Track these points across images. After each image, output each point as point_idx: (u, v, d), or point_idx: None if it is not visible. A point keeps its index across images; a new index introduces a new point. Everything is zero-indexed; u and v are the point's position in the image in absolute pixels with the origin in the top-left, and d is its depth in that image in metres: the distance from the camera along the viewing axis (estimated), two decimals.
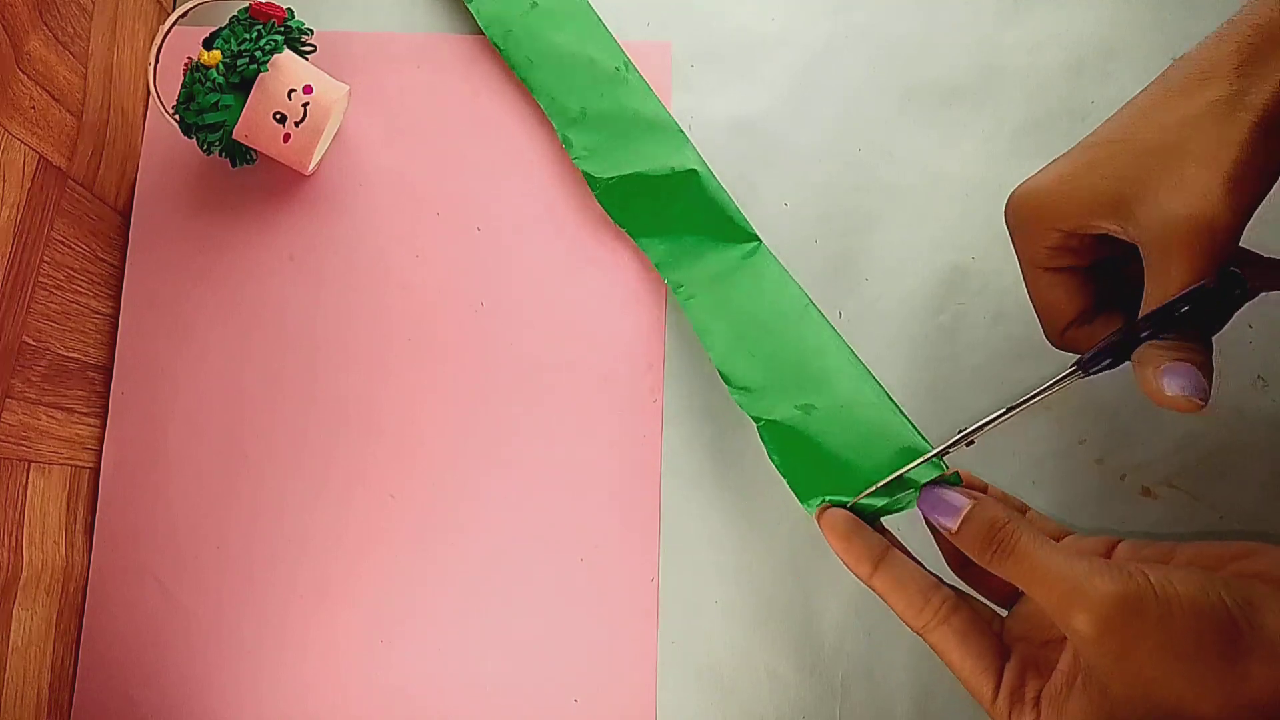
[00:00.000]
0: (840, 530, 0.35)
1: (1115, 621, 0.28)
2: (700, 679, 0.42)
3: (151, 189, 0.46)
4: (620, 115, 0.45)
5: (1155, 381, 0.30)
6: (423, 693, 0.42)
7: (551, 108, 0.45)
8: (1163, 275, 0.30)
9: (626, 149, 0.45)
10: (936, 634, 0.33)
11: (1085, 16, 0.48)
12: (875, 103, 0.47)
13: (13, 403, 0.38)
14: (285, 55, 0.42)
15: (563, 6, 0.46)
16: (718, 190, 0.44)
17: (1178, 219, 0.29)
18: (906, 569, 0.34)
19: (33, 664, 0.39)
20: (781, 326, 0.41)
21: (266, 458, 0.43)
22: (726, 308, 0.42)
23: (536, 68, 0.46)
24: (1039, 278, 0.36)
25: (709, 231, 0.44)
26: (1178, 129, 0.31)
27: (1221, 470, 0.43)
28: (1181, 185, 0.30)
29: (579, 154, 0.45)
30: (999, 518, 0.32)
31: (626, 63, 0.46)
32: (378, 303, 0.45)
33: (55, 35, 0.40)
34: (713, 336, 0.42)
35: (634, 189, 0.44)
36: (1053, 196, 0.34)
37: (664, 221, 0.44)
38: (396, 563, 0.43)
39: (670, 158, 0.44)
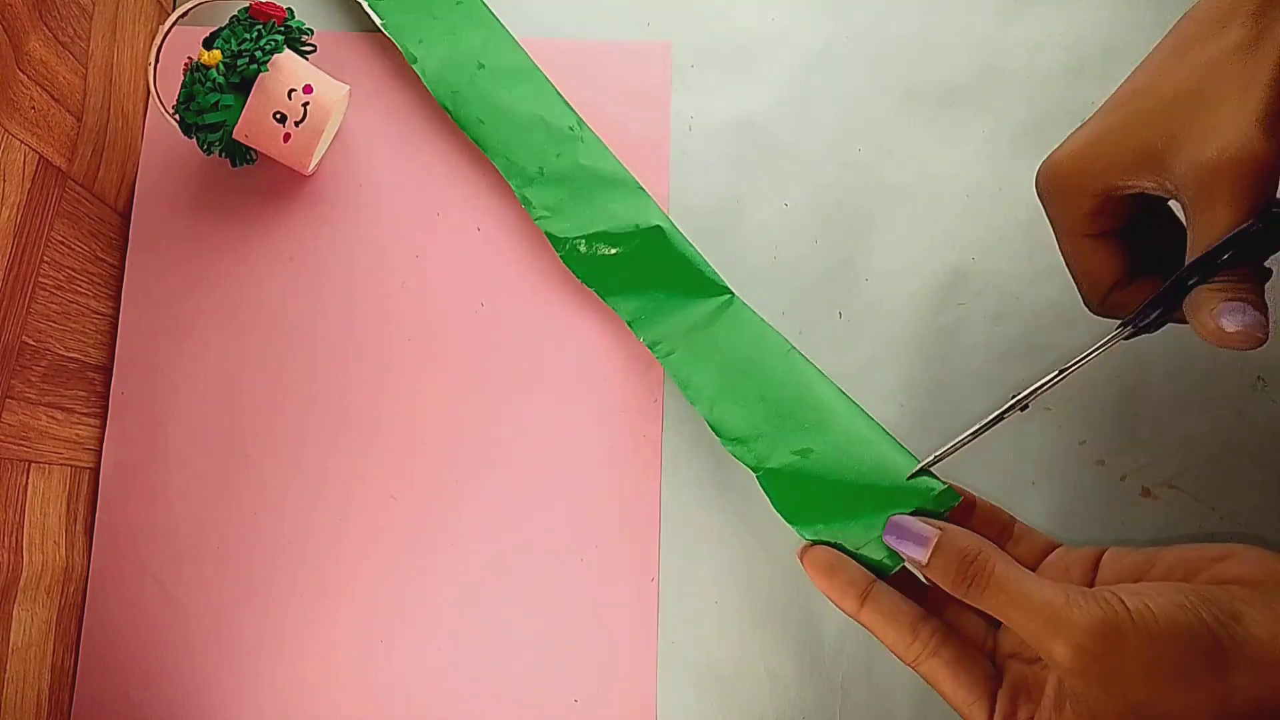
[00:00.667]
0: (823, 566, 0.35)
1: (1095, 651, 0.28)
2: (700, 679, 0.42)
3: (152, 189, 0.46)
4: (578, 174, 0.44)
5: (1213, 322, 0.29)
6: (423, 692, 0.42)
7: (508, 168, 0.44)
8: (1207, 221, 0.29)
9: (588, 207, 0.44)
10: (927, 666, 0.33)
11: (1085, 17, 0.48)
12: (875, 103, 0.47)
13: (13, 403, 0.38)
14: (285, 55, 0.42)
15: (511, 68, 0.45)
16: (684, 245, 0.43)
17: (1216, 163, 0.29)
18: (894, 602, 0.34)
19: (32, 665, 0.39)
20: (767, 373, 0.40)
21: (266, 458, 0.43)
22: (707, 359, 0.41)
23: (487, 127, 0.45)
24: (1079, 245, 0.35)
25: (679, 287, 0.43)
26: (1201, 76, 0.30)
27: (1222, 471, 0.43)
28: (1215, 130, 0.29)
29: (540, 214, 0.44)
30: (970, 548, 0.31)
31: (579, 121, 0.45)
32: (378, 303, 0.45)
33: (55, 35, 0.40)
34: (696, 390, 0.41)
35: (598, 247, 0.43)
36: (1084, 161, 0.33)
37: (632, 280, 0.43)
38: (396, 563, 0.43)
39: (634, 215, 0.43)
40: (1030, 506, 0.43)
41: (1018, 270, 0.45)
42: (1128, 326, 0.32)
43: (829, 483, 0.37)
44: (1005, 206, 0.46)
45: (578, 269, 0.44)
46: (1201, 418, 0.43)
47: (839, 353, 0.44)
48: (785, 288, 0.45)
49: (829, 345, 0.44)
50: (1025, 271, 0.45)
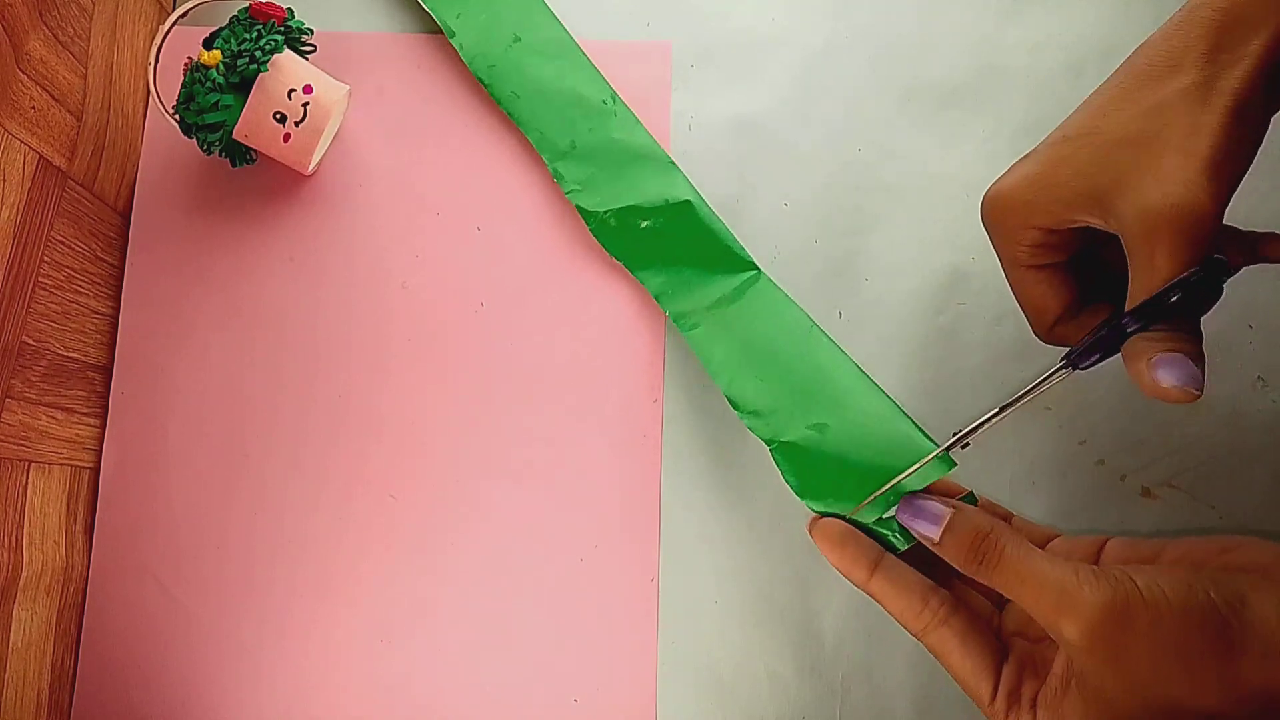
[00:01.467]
0: (834, 538, 0.35)
1: (1105, 629, 0.28)
2: (700, 679, 0.42)
3: (151, 189, 0.46)
4: (610, 148, 0.45)
5: (1148, 375, 0.30)
6: (423, 692, 0.42)
7: (541, 142, 0.45)
8: (1147, 267, 0.30)
9: (618, 182, 0.44)
10: (935, 635, 0.33)
11: (1085, 17, 0.48)
12: (875, 103, 0.47)
13: (13, 403, 0.38)
14: (285, 55, 0.42)
15: (546, 42, 0.46)
16: (713, 220, 0.44)
17: (1159, 209, 0.29)
18: (903, 572, 0.34)
19: (32, 665, 0.39)
20: (787, 348, 0.40)
21: (267, 458, 0.43)
22: (730, 334, 0.41)
23: (523, 101, 0.45)
24: (1022, 276, 0.35)
25: (706, 262, 0.43)
26: (1150, 118, 0.30)
27: (1222, 471, 0.43)
28: (1160, 175, 0.29)
29: (571, 188, 0.45)
30: (982, 526, 0.31)
31: (613, 95, 0.45)
32: (378, 303, 0.45)
33: (55, 35, 0.40)
34: (718, 364, 0.41)
35: (628, 221, 0.44)
36: (1028, 194, 0.33)
37: (660, 253, 0.44)
38: (397, 562, 0.43)
39: (664, 189, 0.44)
40: (1030, 506, 0.43)
41: None
42: (1071, 365, 0.33)
43: (843, 459, 0.37)
44: None
45: (608, 243, 0.44)
46: (1201, 418, 0.43)
47: None
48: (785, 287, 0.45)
49: None
50: None
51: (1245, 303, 0.44)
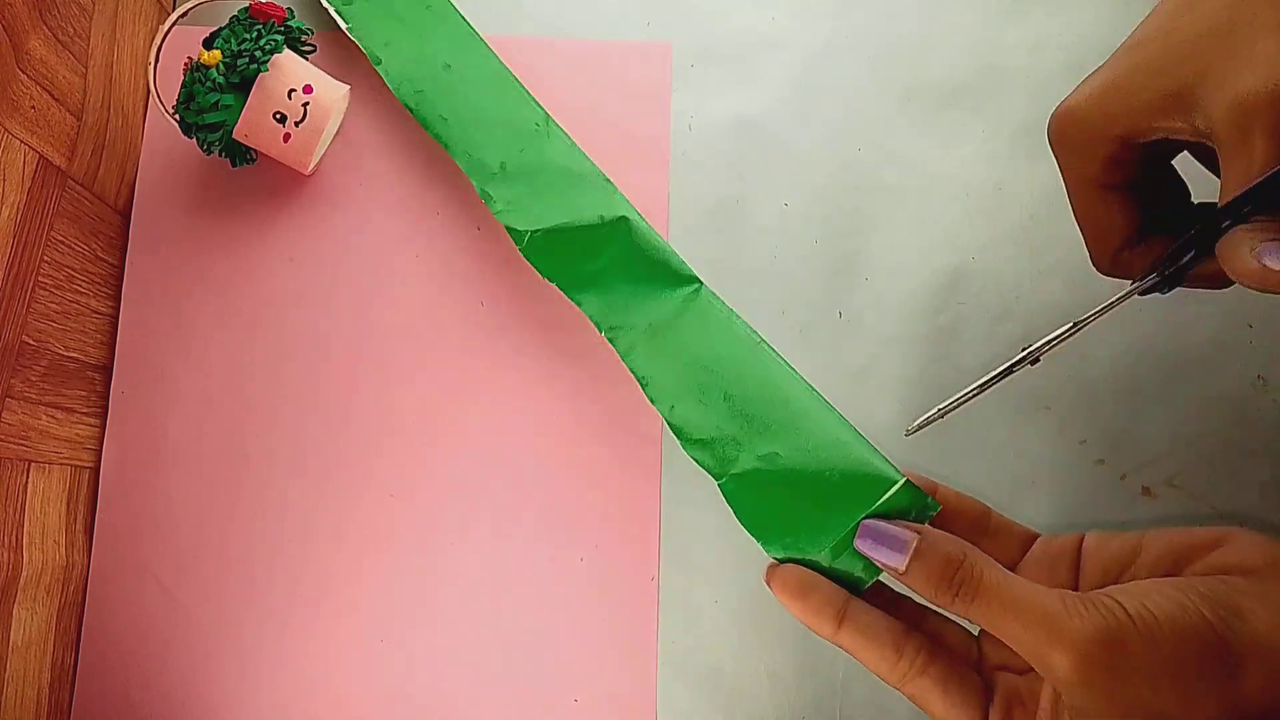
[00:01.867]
0: (794, 588, 0.32)
1: (1098, 660, 0.26)
2: (700, 679, 0.42)
3: (151, 189, 0.46)
4: (543, 168, 0.43)
5: (1254, 262, 0.27)
6: (423, 692, 0.42)
7: (469, 165, 0.43)
8: (1244, 157, 0.27)
9: (550, 201, 0.42)
10: (914, 687, 0.31)
11: (1085, 17, 0.48)
12: (875, 103, 0.47)
13: (13, 402, 0.38)
14: (285, 55, 0.42)
15: (478, 69, 0.45)
16: (651, 235, 0.41)
17: (1256, 93, 0.27)
18: (873, 620, 0.31)
19: (32, 664, 0.39)
20: (732, 368, 0.38)
21: (267, 458, 0.43)
22: (670, 356, 0.39)
23: (451, 125, 0.43)
24: (1093, 196, 0.33)
25: (644, 279, 0.41)
26: (1233, 8, 0.28)
27: (1222, 470, 0.43)
28: (1256, 61, 0.27)
29: (500, 209, 0.42)
30: (954, 554, 0.29)
31: (546, 118, 0.44)
32: (378, 303, 0.45)
33: (55, 35, 0.40)
34: (658, 388, 0.39)
35: (560, 241, 0.41)
36: (1105, 104, 0.31)
37: (595, 274, 0.41)
38: (397, 562, 0.43)
39: (598, 207, 0.42)
40: (1030, 506, 0.43)
41: (1018, 270, 0.45)
42: (1153, 275, 0.31)
43: (797, 490, 0.35)
44: (1005, 206, 0.46)
45: (539, 264, 0.42)
46: (1202, 416, 0.43)
47: (839, 352, 0.44)
48: (785, 288, 0.45)
49: (829, 345, 0.44)
50: (1025, 271, 0.45)
51: (1245, 302, 0.44)
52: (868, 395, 0.44)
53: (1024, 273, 0.45)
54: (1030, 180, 0.46)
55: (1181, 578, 0.29)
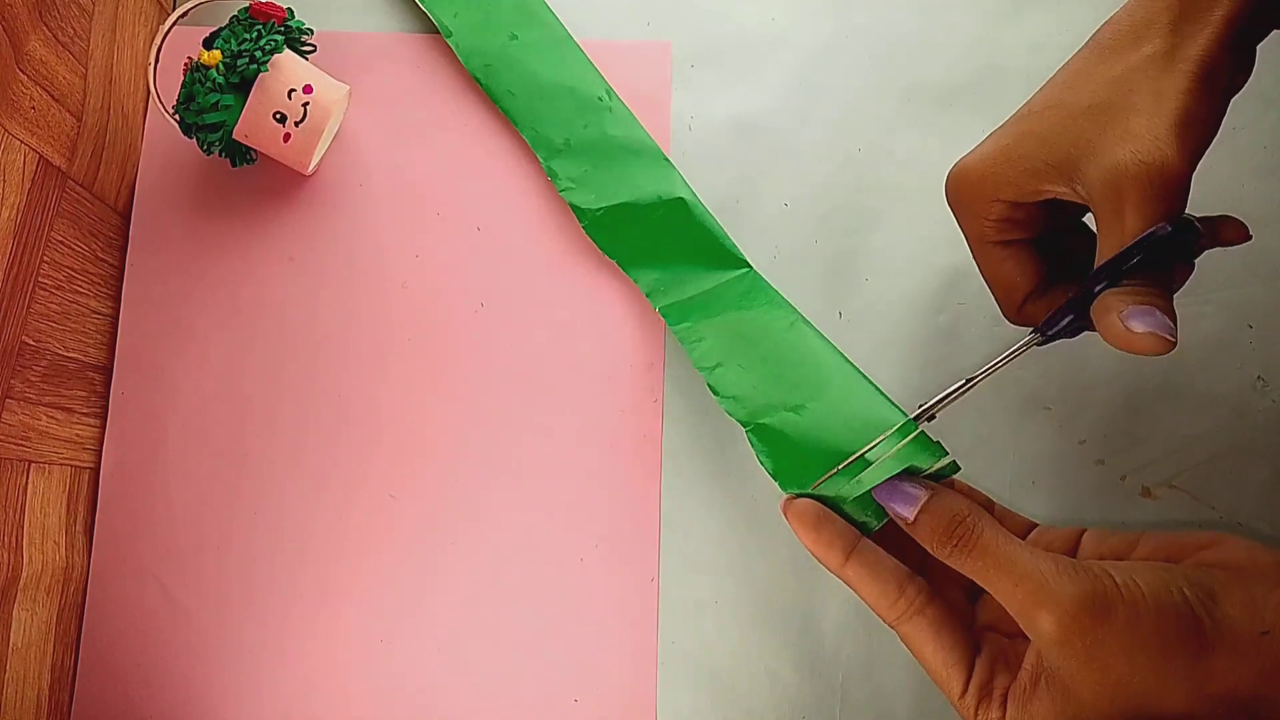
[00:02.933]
0: (809, 519, 0.34)
1: (1081, 622, 0.28)
2: (700, 679, 0.42)
3: (151, 189, 0.46)
4: (605, 144, 0.45)
5: (1120, 325, 0.29)
6: (423, 692, 0.42)
7: (535, 140, 0.45)
8: (1116, 225, 0.29)
9: (612, 179, 0.44)
10: (910, 625, 0.32)
11: (1085, 16, 0.47)
12: (875, 103, 0.47)
13: (13, 403, 0.38)
14: (285, 55, 0.42)
15: (543, 38, 0.46)
16: (706, 217, 0.44)
17: (1128, 166, 0.29)
18: (879, 558, 0.33)
19: (32, 665, 0.39)
20: (772, 339, 0.40)
21: (267, 458, 0.43)
22: (717, 327, 0.41)
23: (518, 99, 0.45)
24: (989, 253, 0.35)
25: (698, 259, 0.43)
26: (1116, 86, 0.30)
27: (1222, 471, 0.43)
28: (1128, 136, 0.29)
29: (565, 185, 0.45)
30: (960, 510, 0.31)
31: (609, 90, 0.45)
32: (378, 303, 0.45)
33: (55, 36, 0.40)
34: (702, 354, 0.41)
35: (621, 219, 0.44)
36: (992, 168, 0.33)
37: (653, 251, 0.44)
38: (397, 562, 0.43)
39: (657, 186, 0.44)
40: (1030, 506, 0.43)
41: None
42: (1039, 333, 0.33)
43: (819, 439, 0.36)
44: None
45: (600, 240, 0.44)
46: (1201, 417, 0.43)
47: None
48: (785, 287, 0.45)
49: None
50: None
51: (1245, 303, 0.44)
52: None
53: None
54: None
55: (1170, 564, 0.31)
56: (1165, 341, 0.29)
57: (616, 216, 0.44)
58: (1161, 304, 0.29)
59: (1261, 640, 0.28)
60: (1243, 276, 0.44)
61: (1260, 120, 0.46)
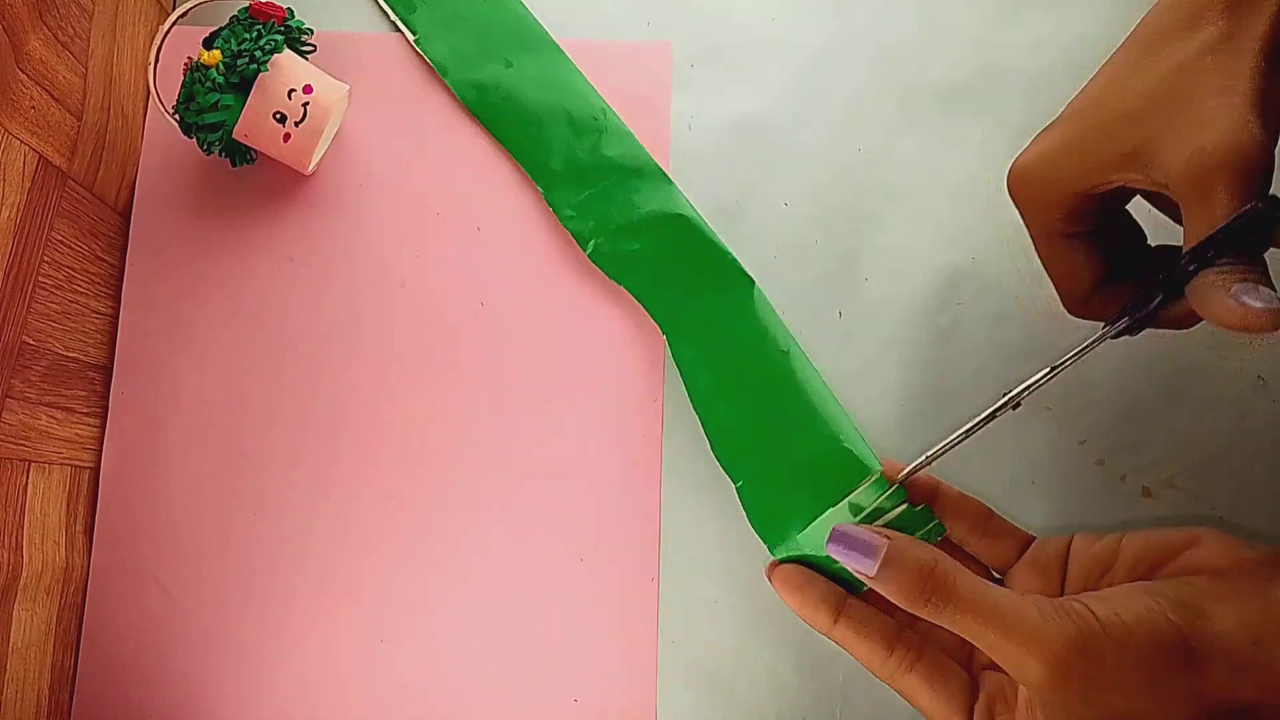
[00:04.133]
0: (794, 583, 0.34)
1: (1071, 666, 0.27)
2: (700, 679, 0.42)
3: (151, 189, 0.46)
4: (602, 165, 0.44)
5: (1231, 302, 0.28)
6: (423, 692, 0.42)
7: (534, 171, 0.45)
8: (1205, 209, 0.29)
9: (611, 203, 0.44)
10: (904, 681, 0.32)
11: (1085, 16, 0.48)
12: (875, 103, 0.47)
13: (13, 403, 0.38)
14: (285, 55, 0.42)
15: (537, 62, 0.46)
16: (706, 232, 0.44)
17: (1212, 149, 0.28)
18: (868, 617, 0.33)
19: (32, 665, 0.39)
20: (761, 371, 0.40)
21: (267, 458, 0.43)
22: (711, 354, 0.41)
23: (512, 129, 0.45)
24: (1057, 247, 0.35)
25: (700, 276, 0.43)
26: (1180, 73, 0.30)
27: (1222, 471, 0.43)
28: (1205, 119, 0.29)
29: (566, 215, 0.44)
30: (925, 560, 0.30)
31: (604, 109, 0.45)
32: (378, 303, 0.45)
33: (55, 35, 0.40)
34: (696, 387, 0.41)
35: (623, 243, 0.44)
36: (1062, 159, 0.33)
37: (656, 273, 0.44)
38: (397, 562, 0.43)
39: (656, 204, 0.44)
40: (1030, 506, 0.43)
41: (1018, 270, 0.45)
42: (1124, 319, 0.32)
43: (796, 484, 0.37)
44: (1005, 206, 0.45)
45: (605, 267, 0.44)
46: (1202, 417, 0.43)
47: (839, 353, 0.44)
48: (785, 288, 0.45)
49: (829, 345, 0.44)
50: (1025, 271, 0.45)
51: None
52: (867, 395, 0.44)
53: (1023, 273, 0.45)
54: None
55: (1152, 582, 0.30)
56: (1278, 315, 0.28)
57: (618, 242, 0.44)
58: (1263, 280, 0.28)
59: (1254, 650, 0.27)
60: None
61: None
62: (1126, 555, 0.32)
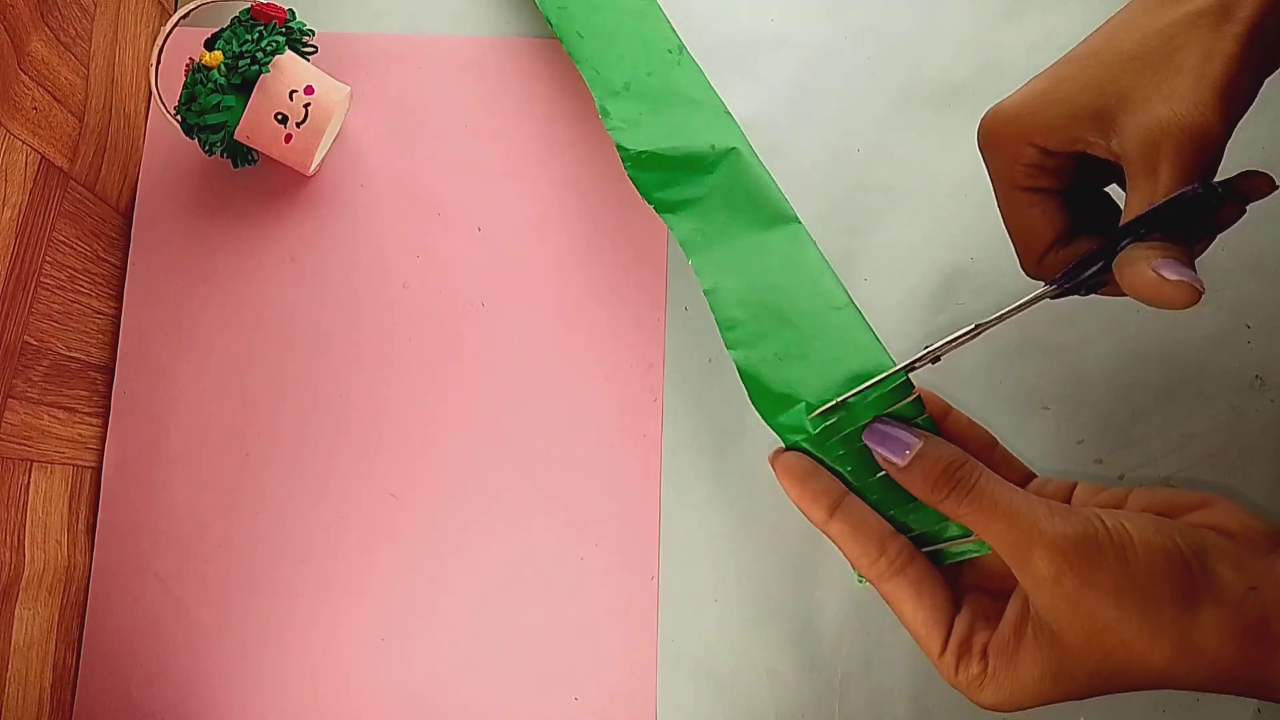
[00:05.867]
0: (796, 473, 0.34)
1: (1073, 562, 0.28)
2: (700, 677, 0.42)
3: (153, 190, 0.46)
4: (666, 92, 0.43)
5: (1150, 274, 0.28)
6: (424, 690, 0.42)
7: (594, 80, 0.44)
8: (1148, 182, 0.29)
9: (665, 123, 0.43)
10: (891, 583, 0.32)
11: (1085, 16, 0.47)
12: (874, 103, 0.47)
13: (15, 402, 0.38)
14: (287, 56, 0.42)
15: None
16: (759, 171, 0.41)
17: (1167, 125, 0.29)
18: (864, 515, 0.33)
19: (34, 664, 0.39)
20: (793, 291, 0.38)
21: (268, 457, 0.44)
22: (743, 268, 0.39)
23: (585, 41, 0.44)
24: (1016, 199, 0.35)
25: (744, 213, 0.41)
26: (1162, 40, 0.30)
27: (1220, 470, 0.43)
28: (1170, 94, 0.29)
29: (615, 125, 0.42)
30: (955, 457, 0.31)
31: (681, 47, 0.44)
32: (379, 302, 0.45)
33: (57, 36, 0.40)
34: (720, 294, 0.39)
35: (667, 163, 0.42)
36: (1030, 110, 0.33)
37: (694, 200, 0.41)
38: (398, 561, 0.43)
39: (712, 135, 0.42)
40: None
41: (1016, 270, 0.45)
42: (1056, 284, 0.32)
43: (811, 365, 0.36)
44: None
45: (640, 181, 0.42)
46: (1199, 416, 0.43)
47: None
48: None
49: None
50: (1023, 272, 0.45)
51: (1243, 302, 0.44)
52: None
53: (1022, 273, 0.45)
54: None
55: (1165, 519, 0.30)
56: (1195, 291, 0.28)
57: (662, 160, 0.42)
58: (1189, 261, 0.29)
59: (1248, 596, 0.27)
60: (1241, 275, 0.45)
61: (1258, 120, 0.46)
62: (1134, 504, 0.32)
